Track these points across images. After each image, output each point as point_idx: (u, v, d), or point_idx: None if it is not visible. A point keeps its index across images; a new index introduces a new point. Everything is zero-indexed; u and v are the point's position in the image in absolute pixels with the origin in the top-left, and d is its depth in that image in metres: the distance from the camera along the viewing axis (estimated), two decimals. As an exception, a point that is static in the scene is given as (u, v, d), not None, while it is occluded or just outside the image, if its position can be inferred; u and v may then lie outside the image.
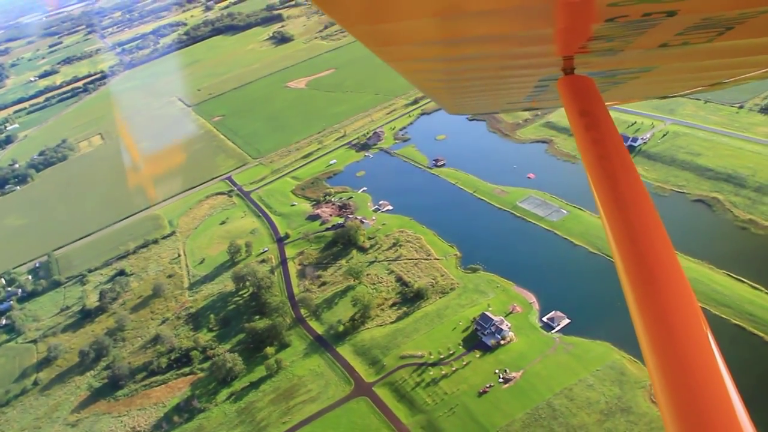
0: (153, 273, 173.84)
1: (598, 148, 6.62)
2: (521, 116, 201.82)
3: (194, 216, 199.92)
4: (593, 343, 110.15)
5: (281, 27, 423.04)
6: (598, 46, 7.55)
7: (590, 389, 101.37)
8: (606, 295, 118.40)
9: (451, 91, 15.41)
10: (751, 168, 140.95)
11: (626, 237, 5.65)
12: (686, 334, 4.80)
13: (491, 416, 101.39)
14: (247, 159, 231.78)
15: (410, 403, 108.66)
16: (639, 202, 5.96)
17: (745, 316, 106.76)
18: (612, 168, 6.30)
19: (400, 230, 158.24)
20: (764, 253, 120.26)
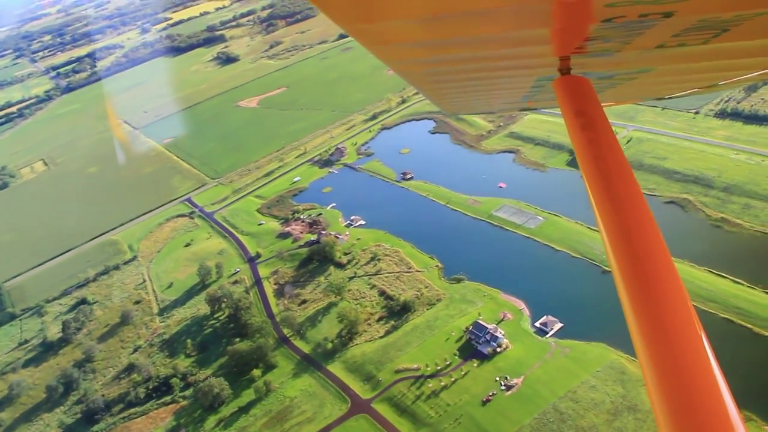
0: (118, 300, 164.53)
1: (594, 148, 6.66)
2: (485, 128, 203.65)
3: (155, 239, 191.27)
4: (589, 345, 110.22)
5: (225, 47, 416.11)
6: (595, 47, 7.59)
7: (594, 390, 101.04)
8: (594, 297, 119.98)
9: (447, 90, 15.16)
10: (716, 169, 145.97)
11: (621, 237, 5.61)
12: (680, 335, 4.77)
13: (498, 424, 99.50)
14: (205, 179, 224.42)
15: (412, 416, 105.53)
16: (634, 202, 5.93)
17: (732, 309, 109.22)
18: (607, 168, 6.35)
19: (377, 244, 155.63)
20: (740, 249, 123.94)
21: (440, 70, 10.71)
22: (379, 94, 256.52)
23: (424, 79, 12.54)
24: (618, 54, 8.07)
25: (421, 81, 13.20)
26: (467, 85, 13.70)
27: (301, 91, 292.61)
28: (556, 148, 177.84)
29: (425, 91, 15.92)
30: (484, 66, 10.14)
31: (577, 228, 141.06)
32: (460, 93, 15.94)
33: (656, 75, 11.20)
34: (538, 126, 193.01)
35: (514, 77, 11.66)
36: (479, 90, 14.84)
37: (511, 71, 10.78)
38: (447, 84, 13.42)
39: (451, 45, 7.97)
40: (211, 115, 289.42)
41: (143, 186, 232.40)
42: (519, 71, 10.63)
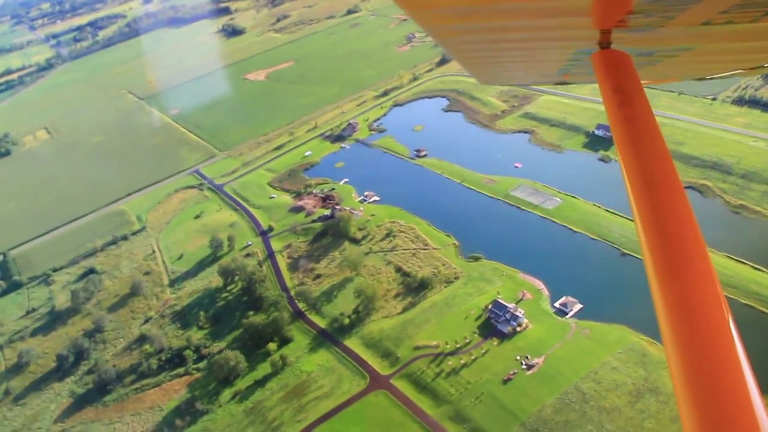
0: (127, 271, 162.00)
1: (631, 126, 6.45)
2: (499, 107, 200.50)
3: (164, 210, 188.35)
4: (609, 327, 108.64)
5: (230, 20, 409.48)
6: (638, 21, 7.44)
7: (615, 372, 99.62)
8: (613, 279, 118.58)
9: (483, 59, 14.72)
10: (735, 156, 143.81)
11: (654, 219, 5.45)
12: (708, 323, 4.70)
13: (520, 403, 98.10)
14: (214, 152, 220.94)
15: (433, 393, 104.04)
16: (669, 184, 5.73)
17: (752, 296, 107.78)
18: (644, 148, 6.15)
19: (392, 221, 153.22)
20: (759, 236, 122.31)
21: (478, 38, 10.43)
22: (389, 71, 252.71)
23: (461, 46, 12.04)
24: (661, 30, 7.89)
25: (458, 49, 12.61)
26: (504, 55, 13.40)
27: (310, 65, 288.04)
28: (572, 129, 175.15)
29: (461, 59, 15.11)
30: (522, 36, 9.87)
31: (594, 210, 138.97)
32: (496, 62, 15.43)
33: (699, 53, 10.73)
34: (553, 107, 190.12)
35: (552, 49, 11.36)
36: (516, 60, 14.45)
37: (549, 42, 10.48)
38: (483, 53, 13.09)
39: (491, 12, 7.89)
40: (218, 87, 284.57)
41: (150, 157, 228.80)
42: (557, 42, 10.32)
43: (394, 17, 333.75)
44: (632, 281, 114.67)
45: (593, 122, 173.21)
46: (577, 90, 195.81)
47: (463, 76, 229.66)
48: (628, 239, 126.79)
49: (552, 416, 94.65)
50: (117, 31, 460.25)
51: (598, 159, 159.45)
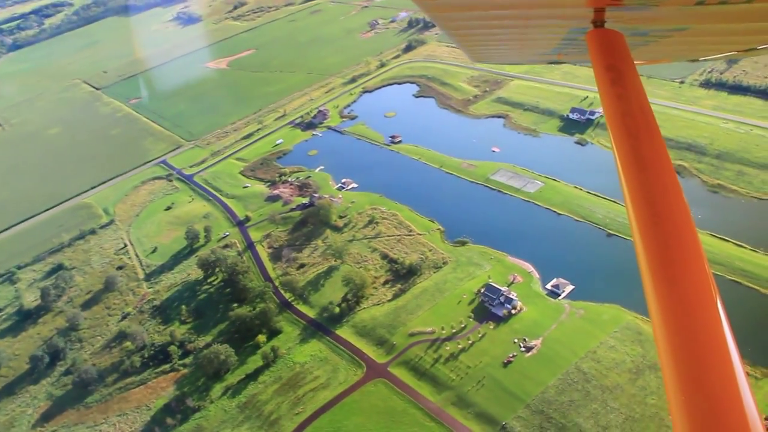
0: (98, 266, 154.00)
1: (623, 104, 6.43)
2: (471, 92, 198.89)
3: (132, 203, 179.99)
4: (603, 307, 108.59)
5: (185, 7, 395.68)
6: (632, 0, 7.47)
7: (613, 350, 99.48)
8: (602, 259, 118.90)
9: (477, 37, 14.57)
10: (707, 137, 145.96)
11: (644, 197, 5.42)
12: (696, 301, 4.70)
13: (523, 385, 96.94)
14: (180, 141, 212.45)
15: (433, 380, 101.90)
16: (660, 162, 5.75)
17: (738, 272, 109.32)
18: (635, 126, 6.11)
19: (373, 207, 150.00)
20: (738, 214, 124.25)
21: (472, 16, 10.23)
22: (355, 58, 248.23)
23: (455, 23, 11.71)
24: (655, 9, 7.85)
25: (452, 26, 12.29)
26: (498, 33, 13.19)
27: (272, 53, 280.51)
28: (547, 114, 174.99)
29: (455, 37, 14.58)
30: (517, 14, 9.70)
31: (576, 192, 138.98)
32: (490, 41, 15.21)
33: (693, 34, 10.59)
34: (525, 92, 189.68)
35: (546, 27, 11.25)
36: (510, 39, 14.31)
37: (544, 20, 10.41)
38: (478, 31, 12.84)
39: None
40: (178, 75, 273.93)
41: (113, 148, 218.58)
42: (552, 21, 10.21)
43: (355, 4, 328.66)
44: (621, 261, 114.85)
45: (567, 106, 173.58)
46: (549, 74, 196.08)
47: (432, 62, 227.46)
48: (612, 220, 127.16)
49: (556, 397, 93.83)
50: (65, 19, 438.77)
51: (574, 142, 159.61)
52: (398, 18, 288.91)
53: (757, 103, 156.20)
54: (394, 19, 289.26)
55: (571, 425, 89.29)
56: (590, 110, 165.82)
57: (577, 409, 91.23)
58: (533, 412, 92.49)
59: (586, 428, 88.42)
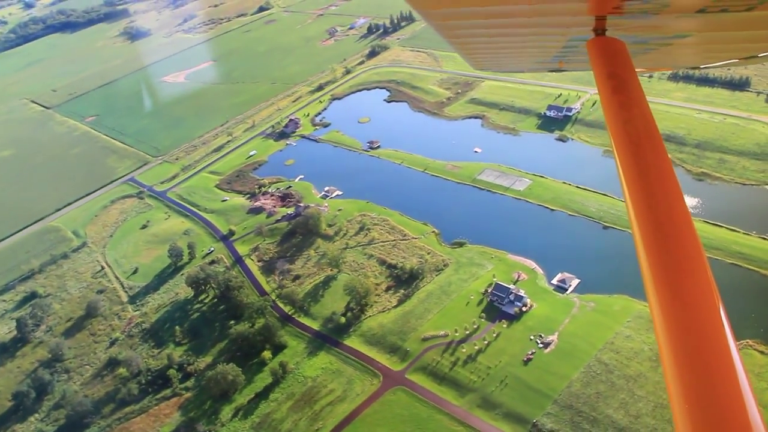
0: (76, 291, 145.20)
1: (624, 112, 6.48)
2: (443, 95, 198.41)
3: (104, 223, 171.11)
4: (611, 298, 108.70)
5: (131, 22, 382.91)
6: (633, 8, 7.46)
7: (630, 340, 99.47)
8: (603, 252, 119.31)
9: (479, 45, 14.54)
10: (684, 128, 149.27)
11: (645, 203, 5.42)
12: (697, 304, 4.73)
13: (547, 381, 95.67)
14: (146, 158, 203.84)
15: (454, 383, 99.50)
16: (661, 169, 5.75)
17: (736, 255, 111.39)
18: (637, 133, 6.15)
19: (361, 214, 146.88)
20: (726, 200, 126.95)
21: (473, 24, 10.19)
22: (318, 65, 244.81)
23: (456, 31, 11.59)
24: (656, 17, 7.87)
25: (453, 34, 12.03)
26: (499, 41, 13.10)
27: (231, 64, 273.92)
28: (523, 112, 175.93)
29: (456, 45, 14.26)
30: (518, 21, 9.57)
31: (565, 188, 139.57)
32: (492, 48, 15.04)
33: (694, 42, 10.64)
34: (498, 92, 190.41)
35: (547, 35, 11.15)
36: (512, 46, 14.22)
37: (545, 28, 10.34)
38: (479, 39, 12.71)
39: None
40: (135, 91, 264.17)
41: (74, 168, 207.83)
42: (553, 29, 10.21)
43: (309, 12, 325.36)
44: (621, 252, 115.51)
45: (542, 104, 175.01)
46: (519, 74, 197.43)
47: (398, 67, 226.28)
48: (606, 213, 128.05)
49: (582, 390, 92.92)
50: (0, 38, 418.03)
51: (555, 139, 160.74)
52: (357, 25, 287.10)
53: (724, 93, 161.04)
54: (352, 26, 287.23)
55: (603, 417, 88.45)
56: (567, 107, 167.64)
57: (605, 401, 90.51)
58: (562, 407, 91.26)
59: (618, 419, 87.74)
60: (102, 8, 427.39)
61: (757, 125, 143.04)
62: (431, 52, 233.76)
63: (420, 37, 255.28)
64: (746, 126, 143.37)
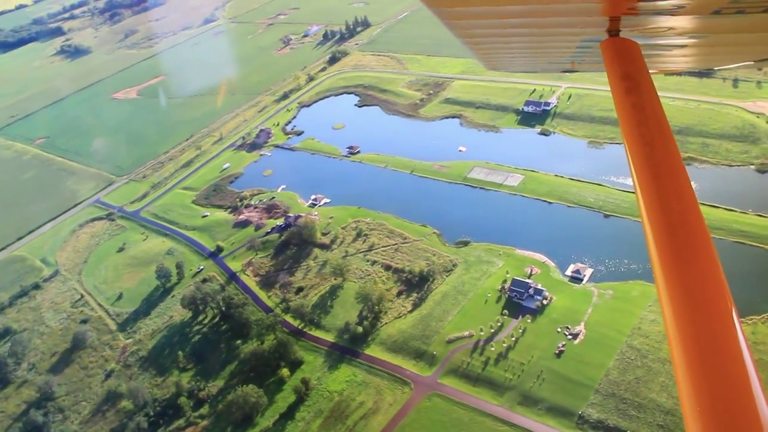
0: (56, 323, 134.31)
1: (638, 113, 6.47)
2: (415, 96, 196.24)
3: (75, 248, 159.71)
4: (628, 284, 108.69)
5: (67, 40, 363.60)
6: (647, 9, 7.41)
7: (656, 324, 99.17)
8: (610, 240, 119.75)
9: (492, 46, 14.55)
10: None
11: (658, 204, 5.38)
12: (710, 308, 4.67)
13: (584, 372, 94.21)
14: (110, 178, 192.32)
15: (489, 383, 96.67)
16: (673, 170, 5.77)
17: (738, 233, 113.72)
18: (650, 134, 6.14)
19: (356, 220, 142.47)
20: (716, 182, 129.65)
21: (487, 24, 10.07)
22: (278, 74, 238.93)
23: (470, 31, 11.39)
24: (671, 18, 7.78)
25: (467, 33, 11.77)
26: (513, 42, 13.08)
27: (185, 77, 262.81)
28: (500, 109, 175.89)
29: (469, 45, 13.78)
30: (532, 21, 9.63)
31: (559, 181, 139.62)
32: (504, 49, 15.07)
33: (709, 44, 10.58)
34: (470, 90, 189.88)
35: (561, 35, 11.11)
36: (525, 47, 14.17)
37: (559, 29, 10.27)
38: (492, 39, 12.63)
39: None
40: (84, 109, 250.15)
41: (30, 193, 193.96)
42: (567, 29, 10.14)
43: (258, 22, 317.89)
44: (627, 239, 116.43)
45: (517, 100, 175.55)
46: (486, 72, 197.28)
47: (362, 72, 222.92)
48: (605, 202, 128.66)
49: (620, 377, 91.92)
50: None
51: (538, 133, 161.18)
52: (311, 32, 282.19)
53: (693, 81, 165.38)
54: (307, 34, 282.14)
55: (647, 401, 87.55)
56: (544, 102, 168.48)
57: (646, 385, 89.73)
58: (605, 396, 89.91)
59: (662, 402, 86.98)
60: (32, 27, 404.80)
61: (730, 109, 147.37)
62: (393, 55, 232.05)
63: (378, 41, 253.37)
64: (720, 110, 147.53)
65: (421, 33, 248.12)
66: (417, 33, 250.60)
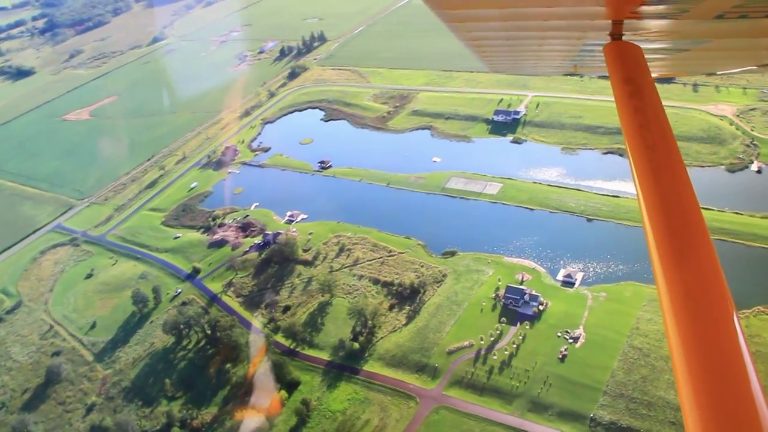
0: (24, 357, 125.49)
1: (640, 116, 6.42)
2: (381, 109, 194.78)
3: (38, 277, 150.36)
4: (620, 286, 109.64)
5: (6, 61, 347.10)
6: (650, 13, 7.38)
7: (653, 323, 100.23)
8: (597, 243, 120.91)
9: (495, 49, 14.70)
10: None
11: (660, 209, 5.38)
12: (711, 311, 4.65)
13: (589, 375, 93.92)
14: (70, 202, 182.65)
15: (496, 392, 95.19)
16: (676, 174, 5.70)
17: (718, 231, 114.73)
18: (652, 138, 6.11)
19: (336, 235, 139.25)
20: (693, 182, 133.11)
21: (490, 26, 10.11)
22: (237, 91, 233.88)
23: (473, 35, 11.54)
24: (673, 22, 7.74)
25: (470, 36, 11.93)
26: (516, 45, 13.09)
27: (139, 97, 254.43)
28: (470, 119, 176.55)
29: (472, 47, 14.05)
30: (536, 25, 9.65)
31: (538, 187, 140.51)
32: (507, 52, 15.07)
33: (712, 48, 10.52)
34: (438, 102, 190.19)
35: (564, 38, 11.09)
36: (529, 50, 14.18)
37: (562, 32, 10.29)
38: (495, 41, 12.70)
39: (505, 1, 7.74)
40: (33, 132, 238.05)
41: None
42: (570, 33, 10.15)
43: (210, 40, 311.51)
44: (613, 242, 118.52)
45: (486, 110, 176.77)
46: (451, 83, 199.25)
47: (325, 86, 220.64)
48: (586, 206, 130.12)
49: (626, 377, 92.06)
50: None
51: (510, 142, 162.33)
52: (266, 48, 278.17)
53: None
54: (262, 50, 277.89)
55: (656, 399, 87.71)
56: (514, 111, 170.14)
57: (653, 383, 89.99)
58: (614, 397, 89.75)
59: (671, 399, 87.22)
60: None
61: (694, 113, 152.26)
62: (354, 69, 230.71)
63: (337, 55, 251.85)
64: (685, 114, 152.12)
65: (380, 46, 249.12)
66: (375, 47, 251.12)
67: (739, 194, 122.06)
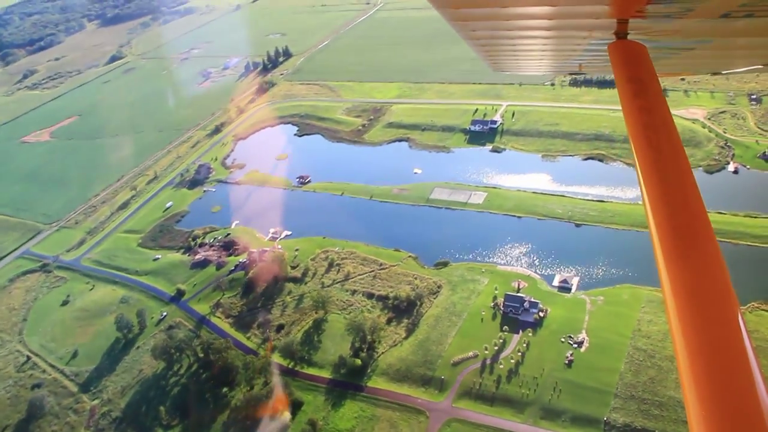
0: (1, 392, 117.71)
1: (644, 116, 6.45)
2: (356, 123, 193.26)
3: (8, 306, 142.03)
4: (616, 289, 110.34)
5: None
6: (656, 12, 7.38)
7: (653, 324, 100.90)
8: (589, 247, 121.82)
9: (499, 48, 14.83)
10: (607, 126, 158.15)
11: (665, 209, 5.40)
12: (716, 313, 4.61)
13: (598, 378, 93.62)
14: (37, 226, 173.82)
15: (506, 401, 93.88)
16: (681, 174, 5.75)
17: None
18: (657, 138, 6.13)
19: (323, 250, 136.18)
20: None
21: (494, 25, 10.09)
22: (205, 108, 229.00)
23: (477, 34, 11.57)
24: (679, 21, 7.67)
25: (474, 35, 12.00)
26: (520, 44, 13.16)
27: (102, 116, 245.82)
28: (447, 130, 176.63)
29: (476, 47, 14.14)
30: (539, 24, 9.62)
31: (524, 195, 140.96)
32: (511, 51, 15.03)
33: (717, 47, 10.53)
34: (411, 114, 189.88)
35: (569, 37, 11.11)
36: (532, 49, 14.23)
37: (567, 31, 10.28)
38: (499, 41, 12.74)
39: None
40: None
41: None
42: (575, 32, 10.11)
43: (171, 57, 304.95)
44: (604, 247, 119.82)
45: (462, 120, 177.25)
46: (424, 95, 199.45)
47: (295, 101, 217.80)
48: (574, 212, 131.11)
49: (635, 379, 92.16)
50: None
51: (490, 151, 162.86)
52: (230, 64, 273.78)
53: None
54: (226, 66, 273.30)
55: (667, 399, 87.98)
56: (491, 120, 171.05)
57: (662, 384, 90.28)
58: (625, 399, 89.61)
59: (681, 398, 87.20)
60: None
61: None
62: (324, 83, 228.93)
63: (304, 70, 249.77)
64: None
65: (348, 60, 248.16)
66: (342, 60, 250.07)
67: (720, 195, 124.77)
